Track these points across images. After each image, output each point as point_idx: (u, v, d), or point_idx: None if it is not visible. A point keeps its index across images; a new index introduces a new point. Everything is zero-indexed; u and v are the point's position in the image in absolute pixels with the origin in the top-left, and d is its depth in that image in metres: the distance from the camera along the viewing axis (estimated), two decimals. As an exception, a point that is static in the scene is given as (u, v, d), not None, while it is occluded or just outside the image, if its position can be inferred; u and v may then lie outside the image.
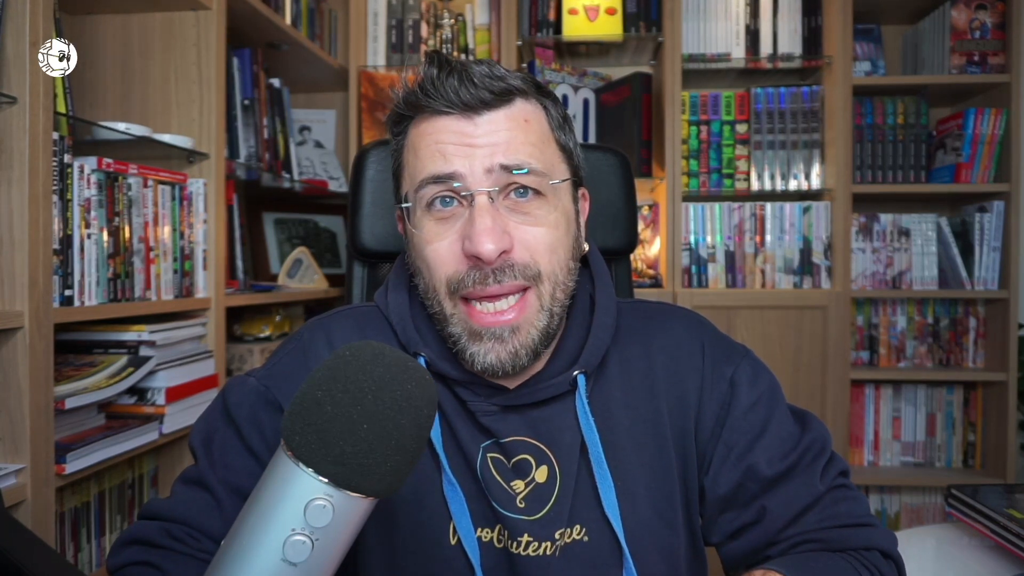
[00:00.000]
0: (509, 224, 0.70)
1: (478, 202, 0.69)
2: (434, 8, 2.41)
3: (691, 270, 2.30)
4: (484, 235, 0.67)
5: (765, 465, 0.75)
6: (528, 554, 0.72)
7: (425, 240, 0.72)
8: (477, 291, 0.69)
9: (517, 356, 0.71)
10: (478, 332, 0.70)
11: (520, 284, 0.70)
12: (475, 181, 0.70)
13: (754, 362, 0.81)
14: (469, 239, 0.68)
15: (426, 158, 0.72)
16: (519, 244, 0.70)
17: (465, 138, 0.70)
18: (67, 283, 1.22)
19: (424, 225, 0.72)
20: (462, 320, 0.71)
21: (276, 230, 2.36)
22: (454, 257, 0.70)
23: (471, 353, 0.71)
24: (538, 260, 0.71)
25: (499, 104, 0.71)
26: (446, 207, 0.71)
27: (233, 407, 0.76)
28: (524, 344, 0.71)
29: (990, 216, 2.23)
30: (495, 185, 0.70)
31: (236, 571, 0.47)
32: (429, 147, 0.72)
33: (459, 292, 0.70)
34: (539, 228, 0.71)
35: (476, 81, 0.70)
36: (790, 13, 2.30)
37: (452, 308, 0.72)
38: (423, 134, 0.73)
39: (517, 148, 0.71)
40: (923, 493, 2.38)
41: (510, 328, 0.70)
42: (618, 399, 0.77)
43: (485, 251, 0.67)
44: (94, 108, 1.61)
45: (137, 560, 0.70)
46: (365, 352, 0.51)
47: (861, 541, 0.72)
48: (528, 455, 0.74)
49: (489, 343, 0.70)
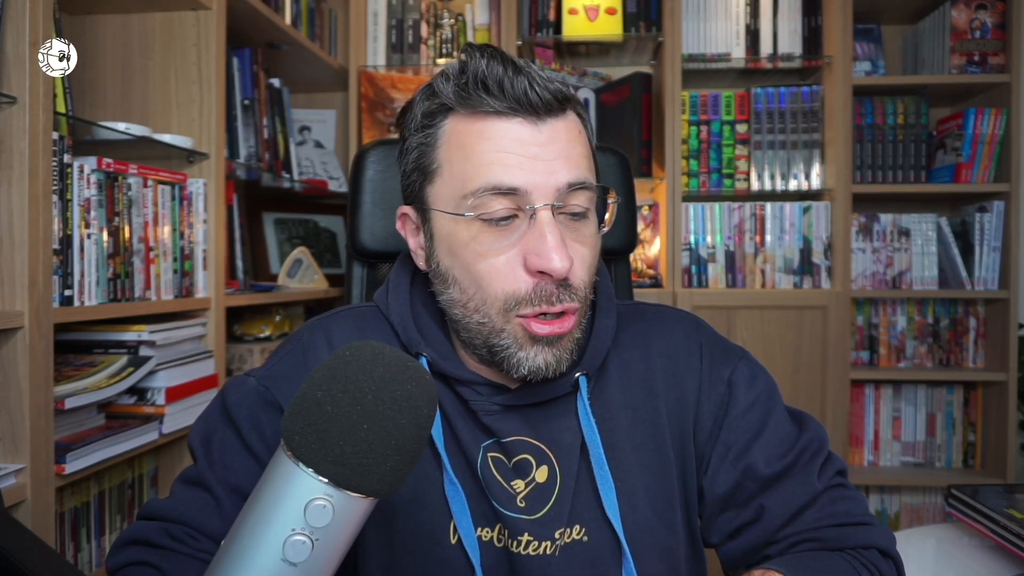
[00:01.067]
0: (568, 242, 0.69)
1: (543, 217, 0.67)
2: (434, 8, 2.41)
3: (691, 270, 2.30)
4: (555, 251, 0.65)
5: (763, 464, 0.75)
6: (528, 553, 0.72)
7: (479, 253, 0.68)
8: (541, 308, 0.68)
9: (560, 361, 0.71)
10: (534, 339, 0.69)
11: (576, 306, 0.70)
12: (542, 197, 0.67)
13: (751, 363, 0.82)
14: (538, 255, 0.66)
15: (484, 164, 0.67)
16: (576, 266, 0.69)
17: (529, 147, 0.67)
18: (67, 283, 1.22)
19: (476, 236, 0.69)
20: (516, 332, 0.70)
21: (276, 230, 2.36)
22: (514, 273, 0.68)
23: (519, 359, 0.70)
24: (587, 283, 0.71)
25: (559, 111, 0.69)
26: (501, 223, 0.68)
27: (232, 407, 0.76)
28: (567, 349, 0.71)
29: (990, 216, 2.23)
30: (559, 201, 0.68)
31: (236, 571, 0.47)
32: (487, 152, 0.67)
33: (518, 309, 0.68)
34: (587, 250, 0.71)
35: (540, 82, 0.67)
36: (790, 13, 2.31)
37: (505, 323, 0.69)
38: (475, 136, 0.68)
39: (578, 164, 0.69)
40: (923, 493, 2.38)
41: (559, 337, 0.70)
42: (618, 400, 0.78)
43: (558, 268, 0.65)
44: (94, 108, 1.61)
45: (137, 560, 0.70)
46: (365, 352, 0.51)
47: (859, 540, 0.73)
48: (529, 455, 0.74)
49: (539, 347, 0.70)
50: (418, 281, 0.81)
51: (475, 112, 0.68)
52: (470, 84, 0.68)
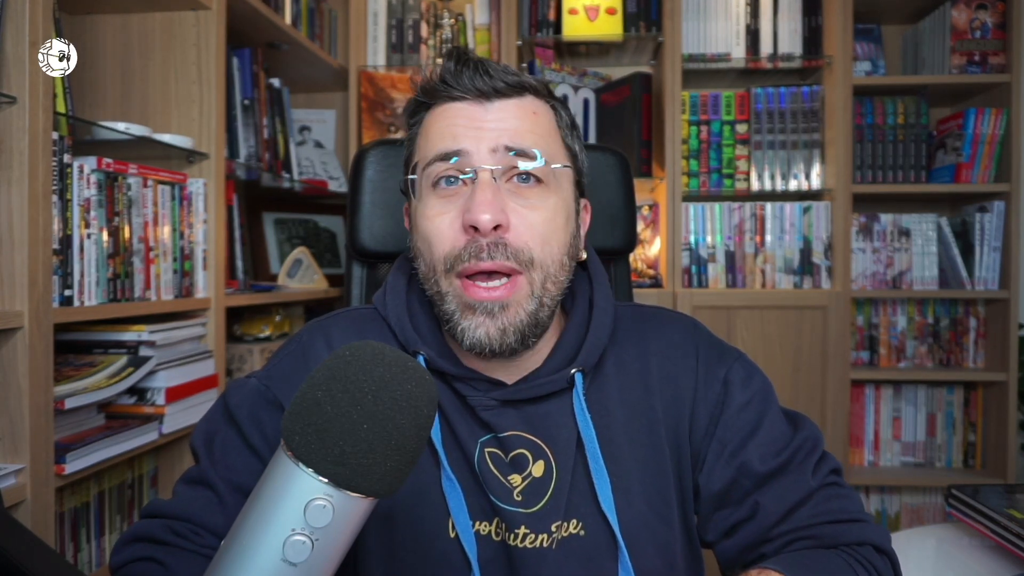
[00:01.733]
0: (508, 205, 0.72)
1: (480, 178, 0.72)
2: (434, 8, 2.41)
3: (691, 270, 2.30)
4: (482, 206, 0.70)
5: (758, 462, 0.76)
6: (525, 546, 0.74)
7: (427, 216, 0.74)
8: (471, 266, 0.71)
9: (505, 334, 0.72)
10: (471, 305, 0.72)
11: (511, 266, 0.72)
12: (480, 159, 0.73)
13: (747, 364, 0.83)
14: (468, 211, 0.70)
15: (436, 139, 0.75)
16: (516, 227, 0.72)
17: (475, 121, 0.74)
18: (67, 283, 1.22)
19: (427, 202, 0.75)
20: (457, 295, 0.73)
21: (276, 230, 2.36)
22: (453, 233, 0.72)
23: (462, 328, 0.73)
24: (531, 246, 0.73)
25: (511, 95, 0.75)
26: (450, 186, 0.74)
27: (234, 407, 0.77)
28: (512, 323, 0.72)
29: (990, 216, 2.23)
30: (499, 165, 0.72)
31: (236, 571, 0.47)
32: (440, 129, 0.75)
33: (455, 268, 0.72)
34: (535, 213, 0.73)
35: (491, 72, 0.74)
36: (790, 13, 2.31)
37: (448, 286, 0.73)
38: (436, 118, 0.76)
39: (523, 135, 0.74)
40: (923, 493, 2.38)
41: (500, 304, 0.71)
42: (614, 397, 0.79)
43: (482, 220, 0.69)
44: (94, 108, 1.61)
45: (141, 556, 0.71)
46: (365, 352, 0.51)
47: (854, 536, 0.73)
48: (525, 450, 0.75)
49: (480, 317, 0.72)
50: (415, 282, 0.82)
51: (439, 102, 0.77)
52: (431, 80, 0.77)
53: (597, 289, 0.82)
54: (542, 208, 0.74)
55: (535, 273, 0.73)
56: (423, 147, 0.77)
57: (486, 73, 0.74)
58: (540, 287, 0.73)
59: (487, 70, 0.74)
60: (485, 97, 0.75)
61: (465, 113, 0.75)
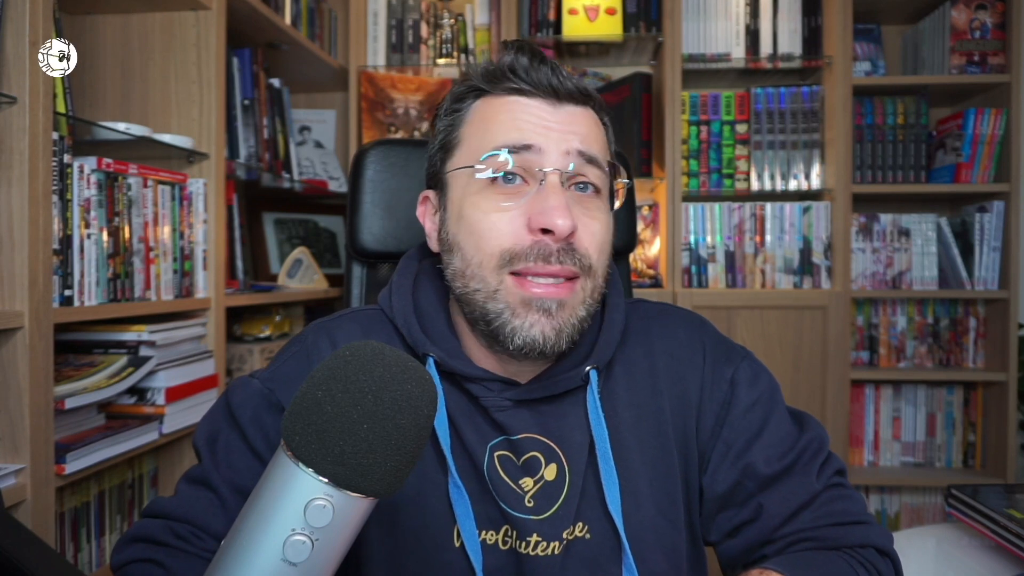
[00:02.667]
0: (574, 210, 0.70)
1: (551, 180, 0.70)
2: (434, 8, 2.41)
3: (691, 270, 2.30)
4: (559, 210, 0.67)
5: (763, 464, 0.76)
6: (537, 554, 0.72)
7: (482, 211, 0.71)
8: (537, 267, 0.69)
9: (560, 334, 0.70)
10: (528, 301, 0.69)
11: (574, 271, 0.70)
12: (552, 160, 0.70)
13: (754, 363, 0.82)
14: (541, 213, 0.68)
15: (499, 130, 0.72)
16: (581, 233, 0.71)
17: (545, 120, 0.72)
18: (67, 283, 1.22)
19: (482, 195, 0.72)
20: (510, 292, 0.70)
21: (276, 230, 2.36)
22: (515, 231, 0.70)
23: (513, 327, 0.69)
24: (592, 254, 0.72)
25: (580, 101, 0.74)
26: (509, 183, 0.71)
27: (236, 408, 0.76)
28: (567, 323, 0.70)
29: (990, 216, 2.23)
30: (569, 167, 0.71)
31: (236, 571, 0.47)
32: (504, 121, 0.72)
33: (513, 266, 0.69)
34: (595, 223, 0.73)
35: (565, 75, 0.73)
36: (790, 13, 2.30)
37: (498, 283, 0.70)
38: (497, 108, 0.73)
39: (592, 141, 0.73)
40: (923, 493, 2.38)
41: (558, 302, 0.70)
42: (622, 398, 0.78)
43: (560, 225, 0.67)
44: (94, 108, 1.61)
45: (141, 557, 0.71)
46: (365, 352, 0.51)
47: (856, 538, 0.73)
48: (538, 452, 0.74)
49: (536, 315, 0.69)
50: (421, 282, 0.81)
51: (499, 92, 0.74)
52: (498, 69, 0.74)
53: (610, 288, 0.81)
54: (600, 219, 0.73)
55: (589, 280, 0.72)
56: (480, 137, 0.73)
57: (560, 73, 0.72)
58: (590, 293, 0.73)
59: (561, 72, 0.73)
60: (556, 97, 0.72)
61: (534, 110, 0.72)
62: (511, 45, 0.74)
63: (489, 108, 0.74)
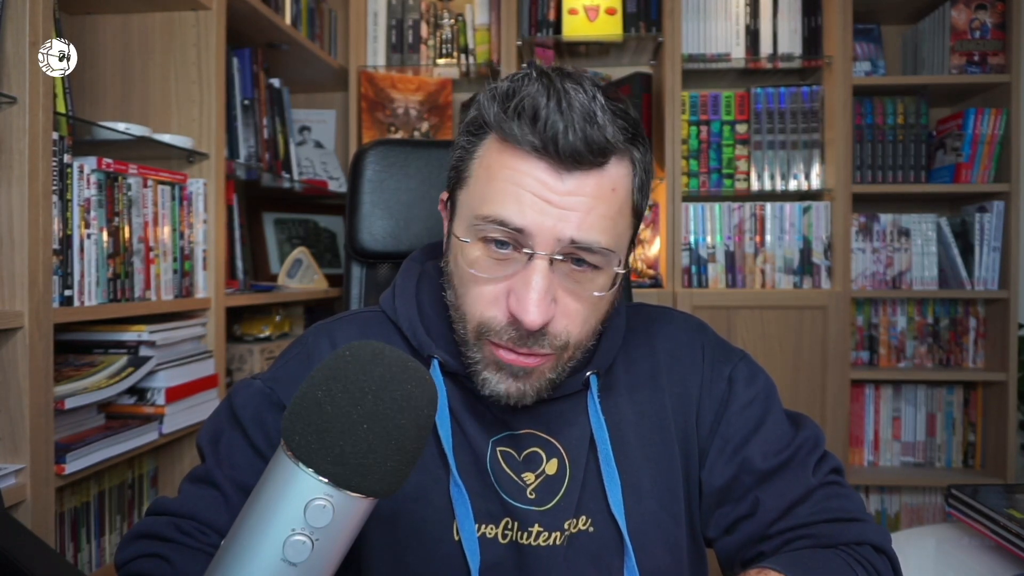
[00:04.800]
0: (558, 292, 0.69)
1: (537, 265, 0.67)
2: (434, 8, 2.41)
3: (691, 270, 2.30)
4: (535, 305, 0.66)
5: (760, 459, 0.77)
6: (539, 544, 0.74)
7: (473, 276, 0.70)
8: (507, 345, 0.69)
9: (524, 395, 0.72)
10: (499, 364, 0.71)
11: (546, 352, 0.70)
12: (542, 245, 0.67)
13: (751, 364, 0.84)
14: (519, 300, 0.67)
15: (499, 193, 0.68)
16: (559, 317, 0.69)
17: (547, 192, 0.67)
18: (67, 283, 1.22)
19: (474, 251, 0.70)
20: (484, 350, 0.72)
21: (276, 230, 2.36)
22: (496, 306, 0.69)
23: (484, 378, 0.72)
24: (570, 331, 0.71)
25: (591, 166, 0.67)
26: (501, 249, 0.69)
27: (239, 409, 0.77)
28: (534, 387, 0.72)
29: (990, 216, 2.23)
30: (559, 254, 0.67)
31: (236, 571, 0.47)
32: (506, 184, 0.68)
33: (488, 336, 0.70)
34: (581, 304, 0.70)
35: (577, 129, 0.65)
36: (790, 13, 2.30)
37: (476, 343, 0.72)
38: (503, 165, 0.69)
39: (593, 223, 0.67)
40: (923, 493, 2.38)
41: (525, 370, 0.71)
42: (624, 397, 0.80)
43: (529, 321, 0.66)
44: (94, 108, 1.61)
45: (146, 553, 0.71)
46: (365, 352, 0.51)
47: (853, 536, 0.73)
48: (539, 448, 0.76)
49: (505, 375, 0.71)
50: (424, 284, 0.82)
51: (510, 140, 0.68)
52: (511, 109, 0.67)
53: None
54: (588, 299, 0.70)
55: (566, 352, 0.72)
56: (482, 189, 0.70)
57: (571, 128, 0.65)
58: (566, 361, 0.73)
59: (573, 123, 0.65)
60: (563, 165, 0.66)
61: (538, 176, 0.67)
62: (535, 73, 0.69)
63: (496, 157, 0.70)
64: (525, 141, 0.66)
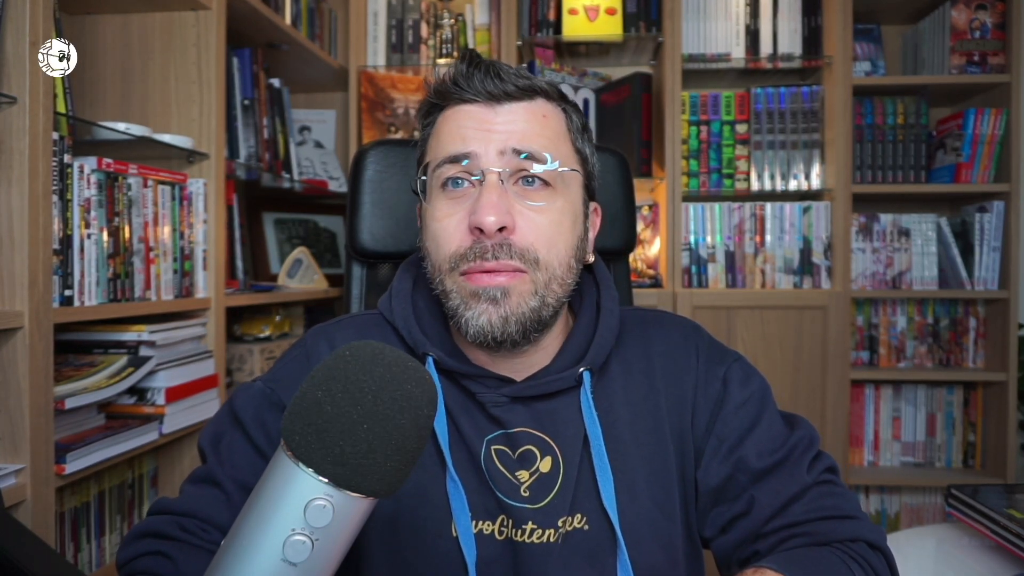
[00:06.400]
0: (515, 207, 0.73)
1: (487, 180, 0.73)
2: (434, 8, 2.41)
3: (691, 270, 2.30)
4: (487, 208, 0.71)
5: (754, 458, 0.77)
6: (532, 541, 0.75)
7: (435, 217, 0.76)
8: (475, 266, 0.72)
9: (507, 322, 0.72)
10: (475, 293, 0.73)
11: (516, 265, 0.73)
12: (488, 161, 0.73)
13: (746, 365, 0.85)
14: (474, 212, 0.71)
15: (446, 141, 0.76)
16: (521, 228, 0.73)
17: (484, 124, 0.75)
18: (67, 283, 1.22)
19: (436, 203, 0.76)
20: (461, 288, 0.74)
21: (276, 230, 2.36)
22: (460, 233, 0.73)
23: (466, 319, 0.73)
24: (537, 247, 0.74)
25: (521, 98, 0.76)
26: (457, 187, 0.75)
27: (239, 410, 0.78)
28: (514, 312, 0.73)
29: (990, 216, 2.23)
30: (506, 167, 0.73)
31: (236, 571, 0.47)
32: (451, 131, 0.76)
33: (459, 267, 0.73)
34: (542, 217, 0.74)
35: (502, 75, 0.75)
36: (790, 13, 2.30)
37: (452, 284, 0.75)
38: (446, 120, 0.78)
39: (532, 138, 0.75)
40: (923, 493, 2.38)
41: (502, 290, 0.72)
42: (620, 396, 0.80)
43: (487, 223, 0.70)
44: (94, 108, 1.61)
45: (148, 551, 0.72)
46: (365, 352, 0.51)
47: (847, 533, 0.74)
48: (533, 446, 0.77)
49: (484, 304, 0.72)
50: (420, 285, 0.84)
51: (450, 104, 0.78)
52: (442, 83, 0.78)
53: (604, 292, 0.84)
54: (548, 211, 0.75)
55: (539, 273, 0.74)
56: (434, 148, 0.78)
57: (497, 76, 0.75)
58: (544, 286, 0.74)
59: (498, 73, 0.75)
60: (495, 100, 0.76)
61: (475, 115, 0.76)
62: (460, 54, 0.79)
63: (441, 121, 0.79)
64: (459, 96, 0.76)
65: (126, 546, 0.73)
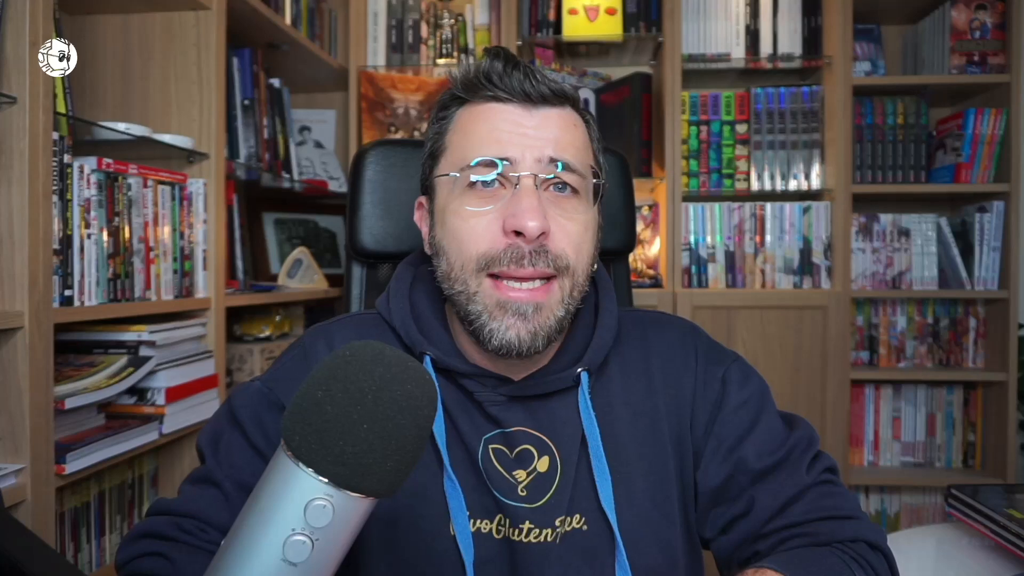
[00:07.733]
0: (549, 212, 0.72)
1: (524, 184, 0.72)
2: (434, 8, 2.41)
3: (691, 270, 2.30)
4: (530, 212, 0.70)
5: (754, 458, 0.77)
6: (530, 541, 0.75)
7: (460, 215, 0.74)
8: (511, 270, 0.71)
9: (536, 337, 0.72)
10: (503, 304, 0.72)
11: (549, 272, 0.72)
12: (525, 167, 0.73)
13: (744, 366, 0.85)
14: (514, 215, 0.70)
15: (479, 141, 0.74)
16: (555, 234, 0.72)
17: (520, 127, 0.74)
18: (67, 283, 1.22)
19: (462, 200, 0.74)
20: (487, 294, 0.73)
21: (276, 230, 2.36)
22: (491, 234, 0.72)
23: (491, 329, 0.72)
24: (568, 253, 0.73)
25: (555, 103, 0.76)
26: (487, 188, 0.74)
27: (238, 410, 0.78)
28: (543, 326, 0.72)
29: (990, 216, 2.23)
30: (543, 173, 0.73)
31: (236, 571, 0.47)
32: (483, 131, 0.75)
33: (489, 268, 0.72)
34: (572, 224, 0.74)
35: (539, 78, 0.74)
36: (790, 13, 2.31)
37: (477, 286, 0.73)
38: (477, 118, 0.76)
39: (565, 147, 0.75)
40: (923, 493, 2.38)
41: (534, 306, 0.72)
42: (618, 397, 0.81)
43: (530, 227, 0.69)
44: (94, 108, 1.61)
45: (147, 552, 0.72)
46: (365, 352, 0.51)
47: (847, 533, 0.74)
48: (531, 445, 0.77)
49: (512, 319, 0.72)
50: (418, 285, 0.84)
51: (478, 99, 0.76)
52: (475, 77, 0.76)
53: (603, 294, 0.84)
54: (578, 218, 0.75)
55: (567, 279, 0.74)
56: (461, 145, 0.76)
57: (533, 77, 0.74)
58: (569, 294, 0.74)
59: (534, 75, 0.74)
60: (531, 102, 0.75)
61: (510, 117, 0.74)
62: (489, 52, 0.76)
63: (469, 116, 0.77)
64: (494, 93, 0.75)
65: (125, 547, 0.73)
